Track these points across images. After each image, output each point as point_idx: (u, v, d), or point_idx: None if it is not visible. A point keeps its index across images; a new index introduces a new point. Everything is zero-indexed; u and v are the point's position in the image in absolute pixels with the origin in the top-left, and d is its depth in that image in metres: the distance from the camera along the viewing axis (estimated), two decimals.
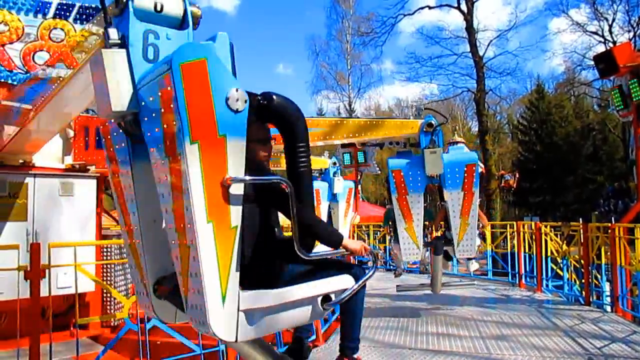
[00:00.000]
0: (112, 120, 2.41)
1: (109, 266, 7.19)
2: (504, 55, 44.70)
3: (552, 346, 5.59)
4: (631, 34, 30.70)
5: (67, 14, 7.21)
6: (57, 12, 7.15)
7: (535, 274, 9.65)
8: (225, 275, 2.04)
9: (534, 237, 9.85)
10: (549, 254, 9.48)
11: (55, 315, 5.79)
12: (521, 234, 10.39)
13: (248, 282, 2.19)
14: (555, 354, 5.28)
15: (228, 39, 2.17)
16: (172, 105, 1.96)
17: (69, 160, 7.09)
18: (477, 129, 32.18)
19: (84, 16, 7.33)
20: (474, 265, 8.16)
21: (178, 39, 2.32)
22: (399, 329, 6.58)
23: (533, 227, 9.99)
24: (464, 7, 26.70)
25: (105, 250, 7.28)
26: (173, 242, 2.14)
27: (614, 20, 31.64)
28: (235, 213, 2.08)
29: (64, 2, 7.22)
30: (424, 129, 6.38)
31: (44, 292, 4.61)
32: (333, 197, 9.73)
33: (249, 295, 2.16)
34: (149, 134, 2.15)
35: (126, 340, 5.27)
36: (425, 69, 32.91)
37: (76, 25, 7.26)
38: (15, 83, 6.78)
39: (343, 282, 2.54)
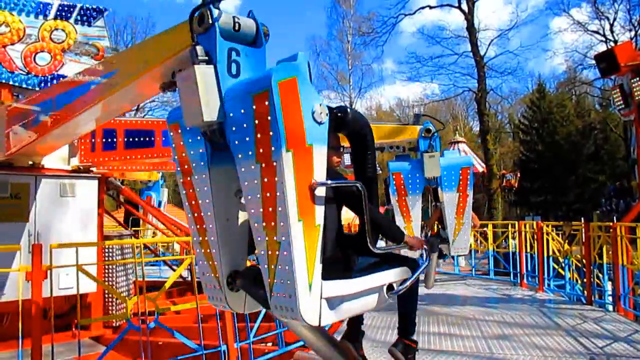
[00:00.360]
0: (187, 128, 2.68)
1: (110, 267, 7.19)
2: (505, 55, 44.84)
3: (554, 346, 5.58)
4: (632, 32, 30.71)
5: (68, 15, 7.21)
6: (58, 13, 7.15)
7: (537, 273, 9.64)
8: (312, 267, 2.35)
9: (535, 236, 9.85)
10: (550, 253, 9.47)
11: (57, 316, 5.79)
12: (523, 233, 10.38)
13: (327, 273, 2.46)
14: (557, 354, 5.28)
15: (306, 58, 2.48)
16: (269, 118, 2.24)
17: (75, 161, 7.10)
18: (478, 129, 32.18)
19: (85, 17, 7.33)
20: (462, 263, 8.89)
21: (255, 56, 2.62)
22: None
23: (535, 226, 9.99)
24: (464, 6, 26.67)
25: (106, 251, 7.29)
26: (259, 238, 2.43)
27: (615, 19, 31.67)
28: (320, 213, 2.38)
29: (65, 3, 7.22)
30: (423, 135, 6.95)
31: (45, 293, 4.62)
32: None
33: (330, 284, 2.47)
34: (236, 142, 2.43)
35: (128, 341, 5.28)
36: (426, 69, 32.97)
37: (77, 26, 7.26)
38: (16, 84, 6.79)
39: (403, 273, 2.96)
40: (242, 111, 2.38)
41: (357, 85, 39.46)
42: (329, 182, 2.43)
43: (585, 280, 8.27)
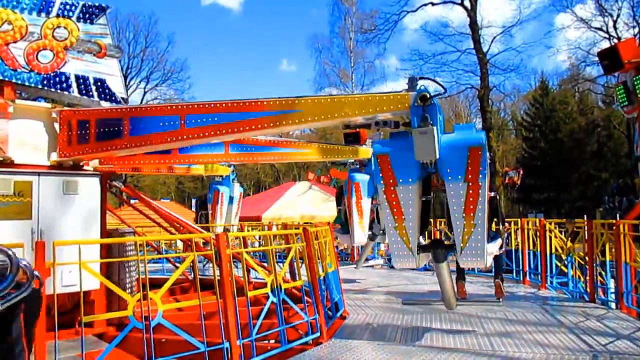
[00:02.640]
0: (397, 156, 5.40)
1: (113, 264, 7.20)
2: (508, 52, 44.64)
3: (556, 343, 5.58)
4: (636, 29, 30.61)
5: (71, 12, 7.21)
6: (60, 10, 7.14)
7: (539, 271, 9.63)
8: (487, 238, 5.29)
9: (538, 234, 9.84)
10: (553, 250, 9.46)
11: (61, 313, 5.80)
12: (525, 230, 10.37)
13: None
14: (560, 351, 5.28)
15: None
16: (479, 160, 5.07)
17: (54, 156, 6.83)
18: (480, 126, 32.10)
19: (87, 15, 7.32)
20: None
21: (437, 116, 5.15)
22: (402, 326, 6.59)
23: (537, 224, 9.97)
24: (467, 3, 26.62)
25: (109, 248, 7.29)
26: (458, 222, 5.27)
27: (618, 16, 31.59)
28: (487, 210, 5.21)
29: (67, 1, 7.21)
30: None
31: (49, 290, 4.64)
32: (230, 200, 12.95)
33: (489, 245, 5.50)
34: (448, 170, 5.22)
35: (131, 338, 5.28)
36: (429, 66, 32.85)
37: (79, 23, 7.26)
38: (19, 82, 6.79)
39: (500, 241, 6.57)
40: (457, 154, 5.13)
41: (360, 83, 39.44)
42: (492, 194, 4.87)
43: (588, 277, 8.26)
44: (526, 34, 76.79)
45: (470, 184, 5.14)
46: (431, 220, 7.29)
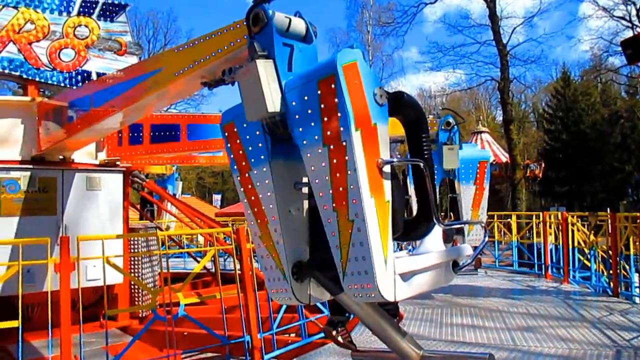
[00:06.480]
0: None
1: (136, 258, 7.32)
2: (529, 43, 43.97)
3: (579, 338, 5.53)
4: None
5: (91, 11, 7.31)
6: (81, 9, 7.25)
7: (561, 264, 9.53)
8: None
9: (560, 227, 9.72)
10: (575, 244, 9.35)
11: (85, 307, 5.91)
12: (547, 224, 10.25)
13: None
14: (583, 346, 5.23)
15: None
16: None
17: (102, 156, 7.25)
18: (501, 118, 31.74)
19: (107, 13, 7.42)
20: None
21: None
22: (423, 320, 6.58)
23: (559, 217, 9.85)
24: None
25: (132, 243, 7.41)
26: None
27: None
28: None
29: None
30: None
31: (74, 284, 4.73)
32: None
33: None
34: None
35: (154, 331, 5.37)
36: (448, 58, 32.48)
37: (100, 22, 7.36)
38: (42, 80, 6.93)
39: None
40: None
41: (378, 76, 39.22)
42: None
43: (611, 271, 8.15)
44: (547, 24, 75.67)
45: (478, 186, 7.01)
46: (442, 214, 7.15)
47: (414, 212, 2.81)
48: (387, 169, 2.46)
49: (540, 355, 5.04)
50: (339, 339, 3.67)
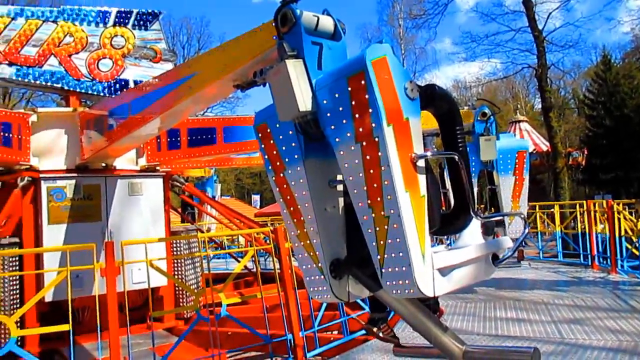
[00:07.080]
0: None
1: (179, 261, 7.46)
2: (566, 27, 42.78)
3: (629, 329, 5.36)
4: None
5: (126, 21, 7.51)
6: (117, 20, 7.46)
7: (609, 254, 9.24)
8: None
9: (606, 215, 9.43)
10: (622, 233, 9.06)
11: (132, 310, 6.07)
12: (592, 213, 9.96)
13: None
14: (634, 338, 5.07)
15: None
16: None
17: (142, 161, 7.43)
18: (540, 106, 30.95)
19: (142, 22, 7.61)
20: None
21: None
22: (466, 314, 6.50)
23: (605, 205, 9.56)
24: None
25: (174, 245, 7.56)
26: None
27: None
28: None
29: (122, 10, 7.52)
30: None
31: (120, 288, 4.86)
32: None
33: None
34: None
35: (198, 332, 5.47)
36: (482, 48, 31.84)
37: (135, 31, 7.56)
38: (83, 91, 7.16)
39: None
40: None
41: (412, 69, 38.90)
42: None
43: None
44: (585, 7, 73.29)
45: (517, 177, 6.80)
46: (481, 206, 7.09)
47: (452, 206, 2.78)
48: (421, 163, 2.42)
49: (589, 347, 4.91)
50: (380, 334, 3.65)
